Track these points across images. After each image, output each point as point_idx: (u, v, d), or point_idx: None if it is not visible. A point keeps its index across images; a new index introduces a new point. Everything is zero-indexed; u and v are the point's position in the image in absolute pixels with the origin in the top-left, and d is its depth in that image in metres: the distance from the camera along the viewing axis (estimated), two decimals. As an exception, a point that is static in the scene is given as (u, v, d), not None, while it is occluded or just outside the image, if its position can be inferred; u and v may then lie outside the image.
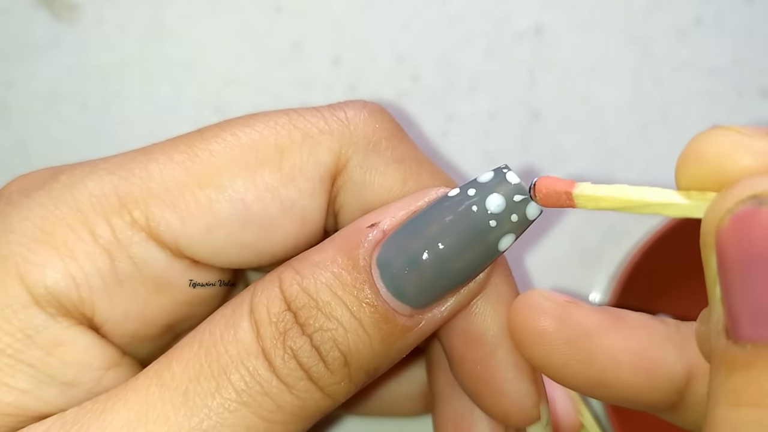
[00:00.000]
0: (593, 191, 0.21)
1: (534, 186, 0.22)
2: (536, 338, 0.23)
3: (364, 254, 0.22)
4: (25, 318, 0.23)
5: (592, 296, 0.42)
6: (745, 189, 0.18)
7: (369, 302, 0.22)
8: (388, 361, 0.23)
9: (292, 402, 0.22)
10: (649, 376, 0.23)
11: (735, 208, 0.18)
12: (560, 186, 0.22)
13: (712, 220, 0.18)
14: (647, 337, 0.23)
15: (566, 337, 0.23)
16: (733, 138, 0.19)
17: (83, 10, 0.41)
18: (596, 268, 0.42)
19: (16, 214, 0.23)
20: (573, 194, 0.21)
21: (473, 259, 0.23)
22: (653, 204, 0.20)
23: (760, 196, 0.17)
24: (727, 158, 0.19)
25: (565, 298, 0.24)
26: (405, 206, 0.23)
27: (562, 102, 0.42)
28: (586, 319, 0.23)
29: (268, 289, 0.22)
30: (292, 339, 0.22)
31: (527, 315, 0.23)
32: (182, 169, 0.24)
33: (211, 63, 0.41)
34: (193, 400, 0.21)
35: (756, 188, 0.17)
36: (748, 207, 0.17)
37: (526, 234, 0.24)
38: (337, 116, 0.25)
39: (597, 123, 0.42)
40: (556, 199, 0.22)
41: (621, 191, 0.21)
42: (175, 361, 0.22)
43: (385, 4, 0.41)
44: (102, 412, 0.21)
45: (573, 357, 0.23)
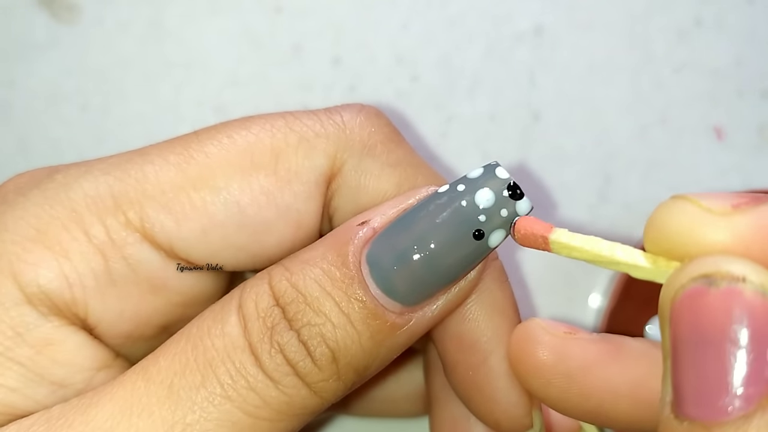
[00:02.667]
0: (568, 240, 0.21)
1: (514, 225, 0.22)
2: (534, 371, 0.23)
3: (354, 251, 0.22)
4: (16, 316, 0.23)
5: (592, 296, 0.41)
6: (699, 267, 0.18)
7: (358, 298, 0.22)
8: (379, 360, 0.23)
9: (278, 398, 0.22)
10: (650, 406, 0.23)
11: (687, 285, 0.18)
12: (538, 229, 0.22)
13: (668, 293, 0.18)
14: (647, 368, 0.23)
15: (564, 370, 0.23)
16: (693, 213, 0.19)
17: (83, 10, 0.41)
18: (596, 268, 0.42)
19: (10, 213, 0.23)
20: (549, 240, 0.22)
21: (463, 255, 0.22)
22: (622, 263, 0.21)
23: (711, 276, 0.17)
24: (687, 235, 0.19)
25: (565, 328, 0.24)
26: (396, 204, 0.23)
27: (562, 103, 0.42)
28: (584, 351, 0.23)
29: (257, 285, 0.22)
30: (279, 334, 0.22)
31: (526, 347, 0.23)
32: (178, 171, 0.24)
33: (211, 63, 0.41)
34: (177, 393, 0.21)
35: (708, 268, 0.17)
36: (698, 286, 0.17)
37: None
38: (334, 120, 0.25)
39: (597, 124, 0.42)
40: (533, 241, 0.22)
41: (594, 245, 0.21)
42: (162, 356, 0.22)
43: (385, 5, 0.41)
44: (87, 406, 0.21)
45: (571, 390, 0.23)
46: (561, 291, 0.42)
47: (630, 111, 0.42)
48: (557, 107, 0.42)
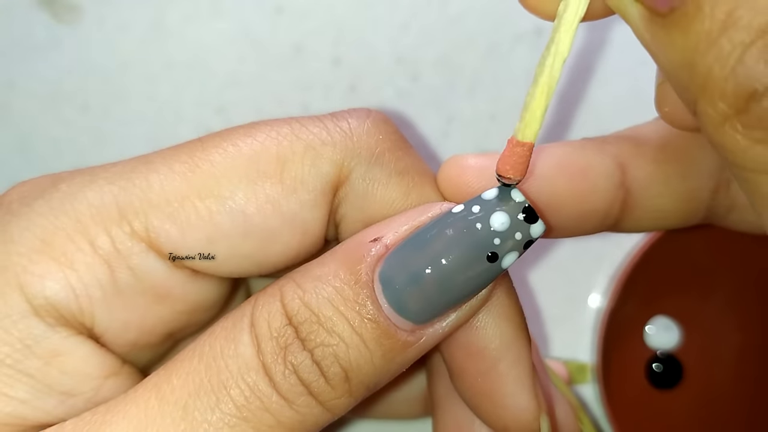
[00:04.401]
0: None
1: None
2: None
3: (366, 269, 0.22)
4: (24, 328, 0.23)
5: (592, 296, 0.42)
6: None
7: (371, 318, 0.22)
8: (389, 375, 0.23)
9: (291, 417, 0.22)
10: (584, 175, 0.25)
11: None
12: None
13: None
14: (567, 147, 0.26)
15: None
16: None
17: (84, 10, 0.40)
18: (596, 268, 0.42)
19: (15, 223, 0.23)
20: None
21: (476, 276, 0.22)
22: None
23: None
24: None
25: None
26: (408, 221, 0.23)
27: (562, 103, 0.42)
28: None
29: (269, 302, 0.22)
30: (293, 354, 0.22)
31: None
32: (183, 180, 0.23)
33: (211, 64, 0.41)
34: (192, 414, 0.21)
35: None
36: None
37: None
38: (340, 127, 0.25)
39: (597, 124, 0.42)
40: None
41: None
42: (174, 375, 0.22)
43: (385, 5, 0.41)
44: (101, 424, 0.21)
45: None
46: (561, 291, 0.42)
47: (630, 111, 0.42)
48: (557, 107, 0.42)
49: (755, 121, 0.17)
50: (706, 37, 0.17)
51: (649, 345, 0.42)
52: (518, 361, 0.25)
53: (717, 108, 0.17)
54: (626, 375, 0.41)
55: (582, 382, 0.40)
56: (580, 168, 0.26)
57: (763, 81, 0.16)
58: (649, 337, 0.42)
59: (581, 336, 0.41)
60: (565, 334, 0.42)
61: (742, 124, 0.17)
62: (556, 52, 0.21)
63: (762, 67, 0.16)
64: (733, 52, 0.17)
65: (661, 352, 0.42)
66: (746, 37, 0.16)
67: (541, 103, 0.21)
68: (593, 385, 0.40)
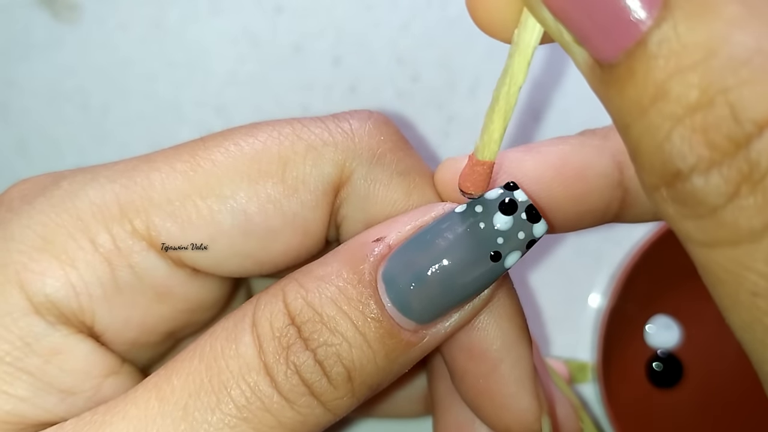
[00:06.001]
0: None
1: None
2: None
3: (369, 269, 0.22)
4: (24, 326, 0.23)
5: (592, 296, 0.42)
6: None
7: (374, 317, 0.22)
8: (392, 376, 0.23)
9: (293, 418, 0.22)
10: (581, 177, 0.25)
11: None
12: None
13: None
14: (566, 145, 0.25)
15: None
16: None
17: (84, 10, 0.40)
18: (596, 268, 0.42)
19: (16, 221, 0.23)
20: None
21: (479, 275, 0.22)
22: None
23: None
24: None
25: None
26: (411, 220, 0.23)
27: (563, 103, 0.42)
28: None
29: (271, 302, 0.22)
30: (295, 354, 0.21)
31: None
32: (184, 179, 0.23)
33: (211, 63, 0.41)
34: (192, 415, 0.21)
35: None
36: None
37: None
38: (342, 127, 0.25)
39: (597, 124, 0.42)
40: None
41: None
42: (174, 375, 0.22)
43: (385, 5, 0.41)
44: (101, 424, 0.21)
45: None
46: (561, 291, 0.42)
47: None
48: (558, 107, 0.42)
49: (681, 199, 0.16)
50: (638, 105, 0.16)
51: (649, 344, 0.42)
52: (519, 362, 0.25)
53: (647, 177, 0.17)
54: (627, 374, 0.41)
55: (582, 382, 0.40)
56: (578, 169, 0.26)
57: (688, 162, 0.16)
58: (649, 336, 0.42)
59: (582, 335, 0.41)
60: (566, 333, 0.42)
61: (671, 198, 0.17)
62: (511, 80, 0.20)
63: (687, 148, 0.16)
64: (662, 126, 0.16)
65: (661, 351, 0.42)
66: (675, 112, 0.16)
67: (498, 126, 0.21)
68: (594, 384, 0.40)
